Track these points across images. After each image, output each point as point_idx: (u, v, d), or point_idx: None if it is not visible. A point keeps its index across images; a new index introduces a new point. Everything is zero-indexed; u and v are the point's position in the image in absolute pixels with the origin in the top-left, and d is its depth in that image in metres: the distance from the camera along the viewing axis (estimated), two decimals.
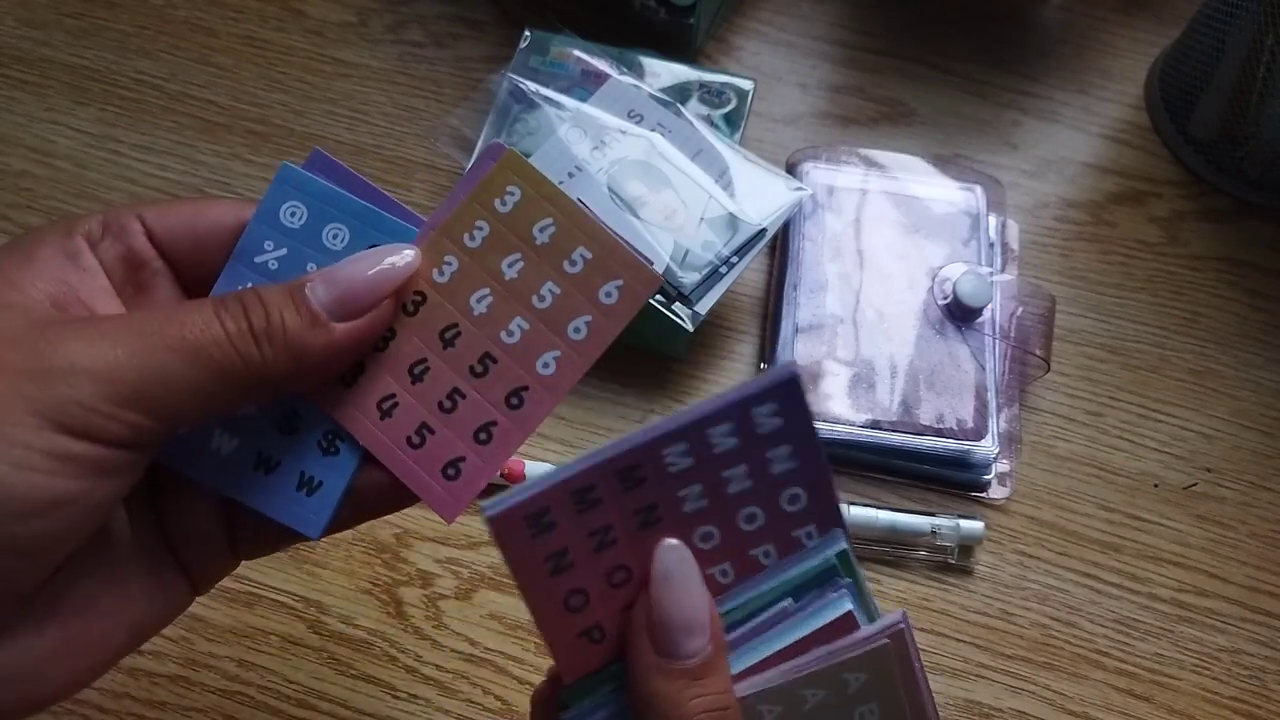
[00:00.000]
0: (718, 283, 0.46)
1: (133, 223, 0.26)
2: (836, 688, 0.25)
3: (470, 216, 0.26)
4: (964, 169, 0.56)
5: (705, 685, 0.23)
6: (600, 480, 0.23)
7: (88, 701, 0.42)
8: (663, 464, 0.23)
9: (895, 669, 0.25)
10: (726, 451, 0.23)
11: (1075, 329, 0.53)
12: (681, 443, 0.23)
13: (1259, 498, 0.49)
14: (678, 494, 0.23)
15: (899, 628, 0.25)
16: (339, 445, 0.27)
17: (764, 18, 0.61)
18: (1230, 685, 0.45)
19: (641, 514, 0.23)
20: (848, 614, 0.25)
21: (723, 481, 0.24)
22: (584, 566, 0.23)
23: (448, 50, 0.59)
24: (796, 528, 0.25)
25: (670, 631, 0.23)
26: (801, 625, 0.25)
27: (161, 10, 0.60)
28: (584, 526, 0.23)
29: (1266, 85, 0.52)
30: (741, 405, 0.23)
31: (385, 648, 0.44)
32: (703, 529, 0.24)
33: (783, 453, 0.24)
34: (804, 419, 0.24)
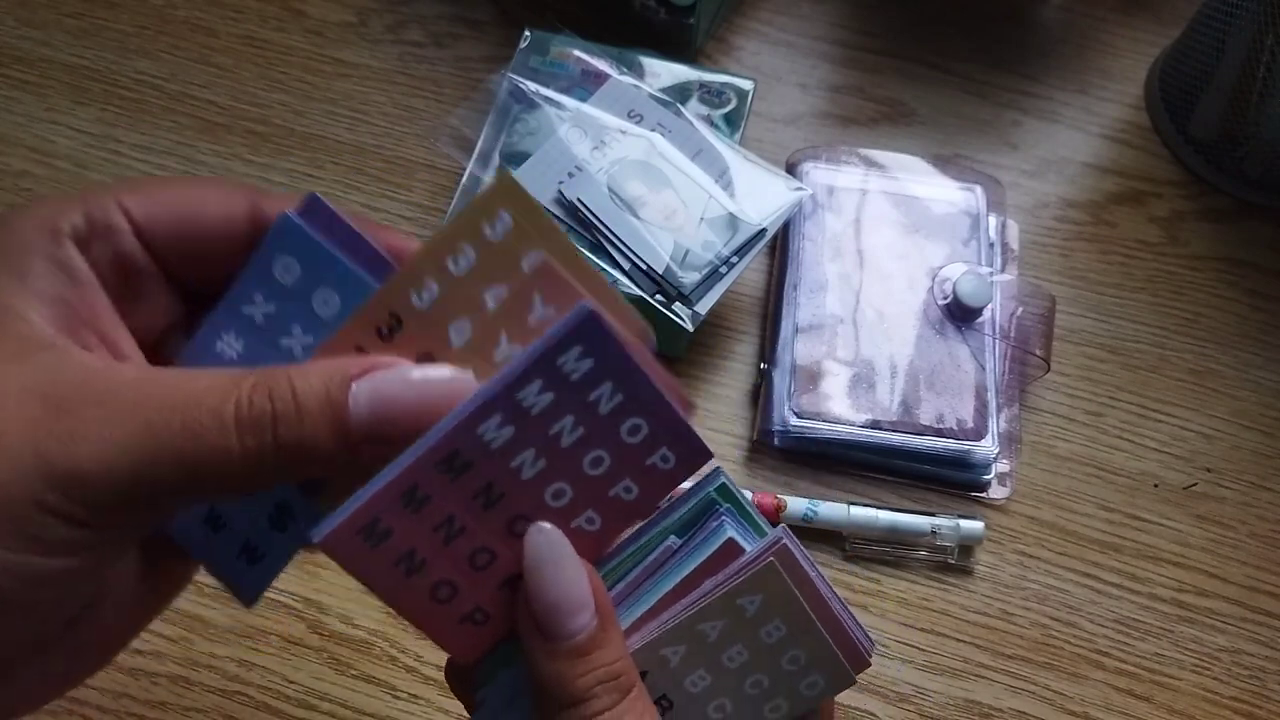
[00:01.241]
0: (718, 283, 0.46)
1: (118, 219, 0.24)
2: (734, 615, 0.24)
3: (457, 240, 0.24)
4: (964, 169, 0.56)
5: (593, 659, 0.23)
6: (421, 477, 0.22)
7: (87, 701, 0.42)
8: (482, 442, 0.22)
9: (790, 585, 0.24)
10: (545, 409, 0.22)
11: (1075, 329, 0.53)
12: (494, 415, 0.22)
13: (1259, 498, 0.49)
14: (510, 465, 0.23)
15: (781, 544, 0.24)
16: (288, 522, 0.26)
17: (764, 18, 0.61)
18: (1230, 685, 0.45)
19: (481, 495, 0.23)
20: (728, 541, 0.24)
21: (553, 438, 0.23)
22: (439, 560, 0.23)
23: (448, 50, 0.59)
24: (648, 455, 0.24)
25: (551, 615, 0.23)
26: (687, 561, 0.25)
27: (161, 10, 0.60)
28: (424, 524, 0.22)
29: (1266, 85, 0.52)
30: (543, 359, 0.22)
31: (385, 648, 0.43)
32: (552, 488, 0.23)
33: (604, 391, 0.22)
34: (615, 351, 0.22)
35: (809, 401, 0.48)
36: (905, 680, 0.44)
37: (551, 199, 0.46)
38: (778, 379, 0.48)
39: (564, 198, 0.46)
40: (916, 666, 0.45)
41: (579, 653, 0.23)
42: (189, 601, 0.44)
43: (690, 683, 0.25)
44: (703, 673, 0.25)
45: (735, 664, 0.25)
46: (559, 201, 0.46)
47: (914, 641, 0.45)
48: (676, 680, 0.25)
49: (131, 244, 0.24)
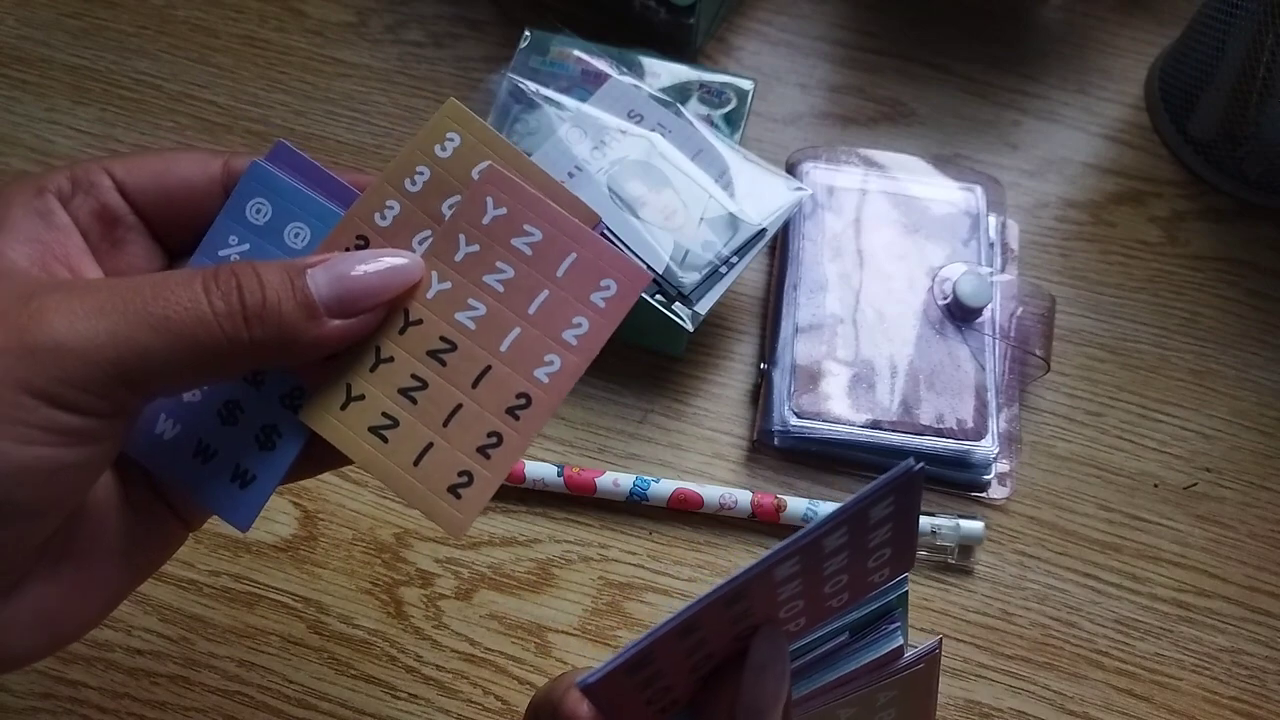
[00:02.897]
0: (718, 283, 0.46)
1: (102, 178, 0.26)
2: (868, 705, 0.26)
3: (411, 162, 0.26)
4: (964, 169, 0.56)
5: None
6: (706, 613, 0.22)
7: (87, 701, 0.42)
8: (771, 580, 0.22)
9: (921, 684, 0.26)
10: (835, 549, 0.22)
11: (1075, 329, 0.53)
12: (795, 558, 0.22)
13: (1259, 498, 0.49)
14: (778, 598, 0.23)
15: (935, 655, 0.26)
16: (276, 440, 0.27)
17: (764, 18, 0.61)
18: (1230, 685, 0.45)
19: (740, 621, 0.23)
20: (899, 647, 0.25)
21: (822, 570, 0.23)
22: (674, 675, 0.23)
23: (448, 50, 0.59)
24: (872, 575, 0.24)
25: (755, 716, 0.24)
26: (855, 658, 0.25)
27: (161, 10, 0.60)
28: (682, 650, 0.23)
29: (1266, 85, 0.52)
30: (861, 512, 0.22)
31: (385, 648, 0.44)
32: (792, 604, 0.24)
33: (884, 530, 0.23)
34: (914, 504, 0.23)
35: (809, 401, 0.48)
36: None
37: None
38: (778, 379, 0.48)
39: None
40: None
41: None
42: (189, 601, 0.44)
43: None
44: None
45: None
46: None
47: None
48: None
49: (113, 197, 0.26)
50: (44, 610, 0.24)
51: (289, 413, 0.27)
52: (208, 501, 0.27)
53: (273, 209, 0.27)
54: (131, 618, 0.43)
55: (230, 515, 0.27)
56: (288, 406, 0.27)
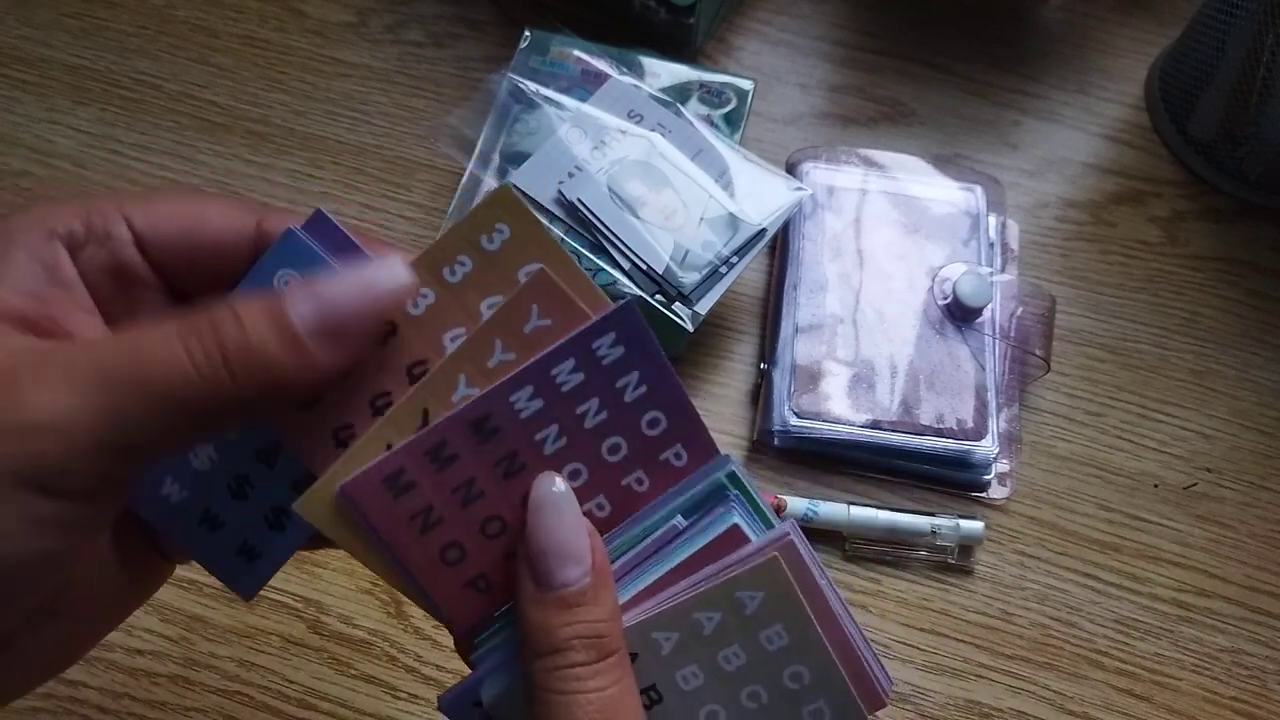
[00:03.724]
0: (718, 283, 0.46)
1: (120, 227, 0.23)
2: (732, 609, 0.24)
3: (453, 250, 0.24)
4: (964, 169, 0.56)
5: (579, 614, 0.23)
6: (452, 436, 0.22)
7: (87, 701, 0.42)
8: (513, 410, 0.23)
9: (793, 586, 0.24)
10: (575, 388, 0.23)
11: (1075, 329, 0.53)
12: (527, 386, 0.23)
13: (1259, 498, 0.49)
14: (535, 437, 0.23)
15: (787, 538, 0.24)
16: (285, 522, 0.26)
17: (764, 18, 0.61)
18: (1230, 685, 0.45)
19: (503, 463, 0.23)
20: (734, 527, 0.24)
21: (578, 417, 0.23)
22: (454, 521, 0.23)
23: (448, 50, 0.59)
24: (662, 450, 0.24)
25: (544, 560, 0.23)
26: (690, 543, 0.24)
27: (161, 10, 0.60)
28: (445, 483, 0.23)
29: (1266, 85, 0.52)
30: (580, 338, 0.23)
31: (385, 648, 0.44)
32: (569, 467, 0.24)
33: (632, 379, 0.23)
34: (646, 344, 0.23)
35: (809, 401, 0.48)
36: (905, 680, 0.44)
37: (551, 199, 0.46)
38: (778, 379, 0.48)
39: (564, 198, 0.46)
40: (916, 666, 0.45)
41: (565, 604, 0.23)
42: (189, 601, 0.44)
43: (682, 677, 0.24)
44: (695, 669, 0.24)
45: (731, 666, 0.24)
46: (559, 201, 0.46)
47: (914, 641, 0.45)
48: (668, 671, 0.24)
49: (130, 253, 0.24)
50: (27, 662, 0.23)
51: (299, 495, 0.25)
52: (212, 568, 0.26)
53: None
54: (132, 618, 0.43)
55: (234, 585, 0.26)
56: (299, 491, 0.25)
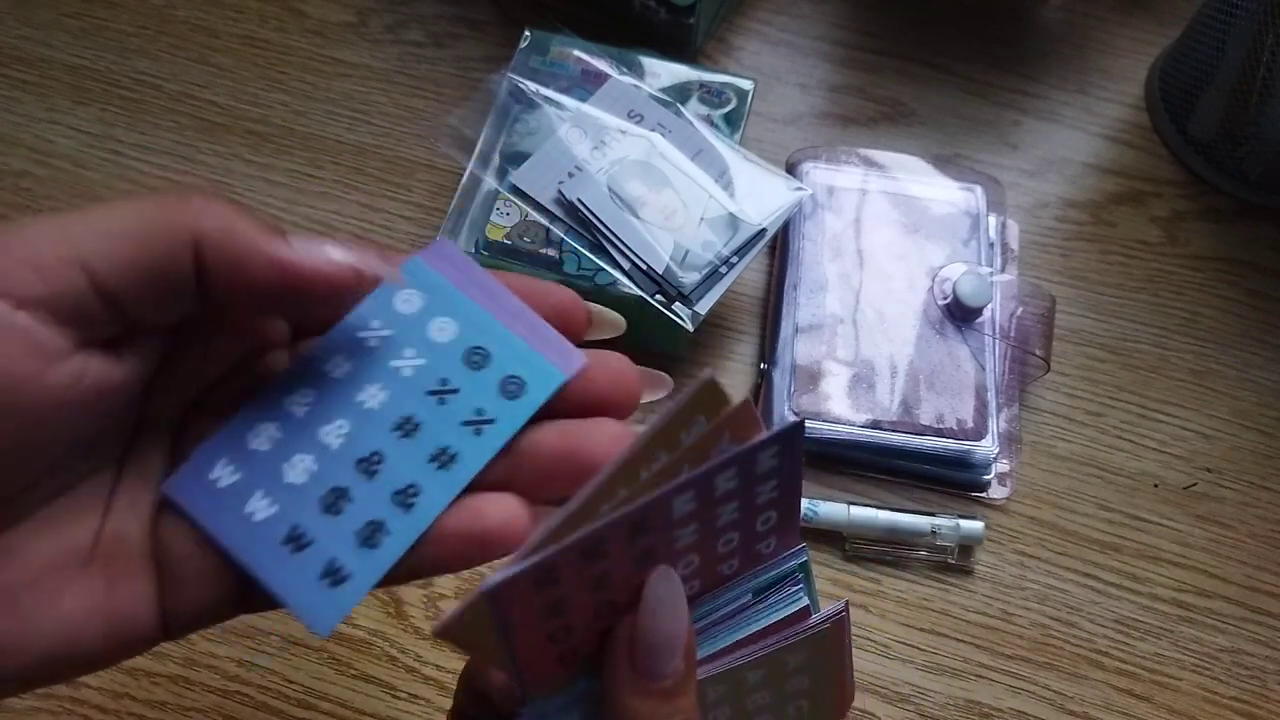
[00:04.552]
0: (718, 283, 0.46)
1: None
2: (776, 668, 0.26)
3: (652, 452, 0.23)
4: (964, 169, 0.56)
5: (677, 703, 0.24)
6: (611, 534, 0.22)
7: (87, 701, 0.42)
8: (669, 511, 0.23)
9: (831, 650, 0.26)
10: (726, 492, 0.23)
11: (1075, 329, 0.53)
12: (689, 491, 0.23)
13: (1259, 498, 0.49)
14: (675, 534, 0.24)
15: (840, 617, 0.26)
16: (381, 539, 0.24)
17: (764, 18, 0.61)
18: (1230, 685, 0.45)
19: (640, 559, 0.23)
20: (805, 608, 0.26)
21: (714, 517, 0.24)
22: (577, 606, 0.23)
23: (448, 50, 0.59)
24: (760, 542, 0.25)
25: (654, 655, 0.24)
26: (762, 617, 0.26)
27: (161, 10, 0.60)
28: (587, 575, 0.22)
29: (1266, 85, 0.52)
30: (746, 455, 0.23)
31: (385, 648, 0.44)
32: (689, 557, 0.24)
33: (770, 486, 0.24)
34: (797, 458, 0.24)
35: (809, 401, 0.48)
36: (905, 680, 0.44)
37: (551, 199, 0.46)
38: (778, 379, 0.48)
39: (564, 198, 0.46)
40: (916, 666, 0.45)
41: (667, 695, 0.24)
42: None
43: (713, 716, 0.27)
44: (728, 709, 0.27)
45: (755, 705, 0.27)
46: (559, 201, 0.46)
47: (914, 641, 0.45)
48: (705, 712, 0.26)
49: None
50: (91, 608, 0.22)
51: (400, 509, 0.24)
52: (287, 595, 0.23)
53: (422, 302, 0.26)
54: None
55: (309, 617, 0.23)
56: (399, 504, 0.24)
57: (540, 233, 0.47)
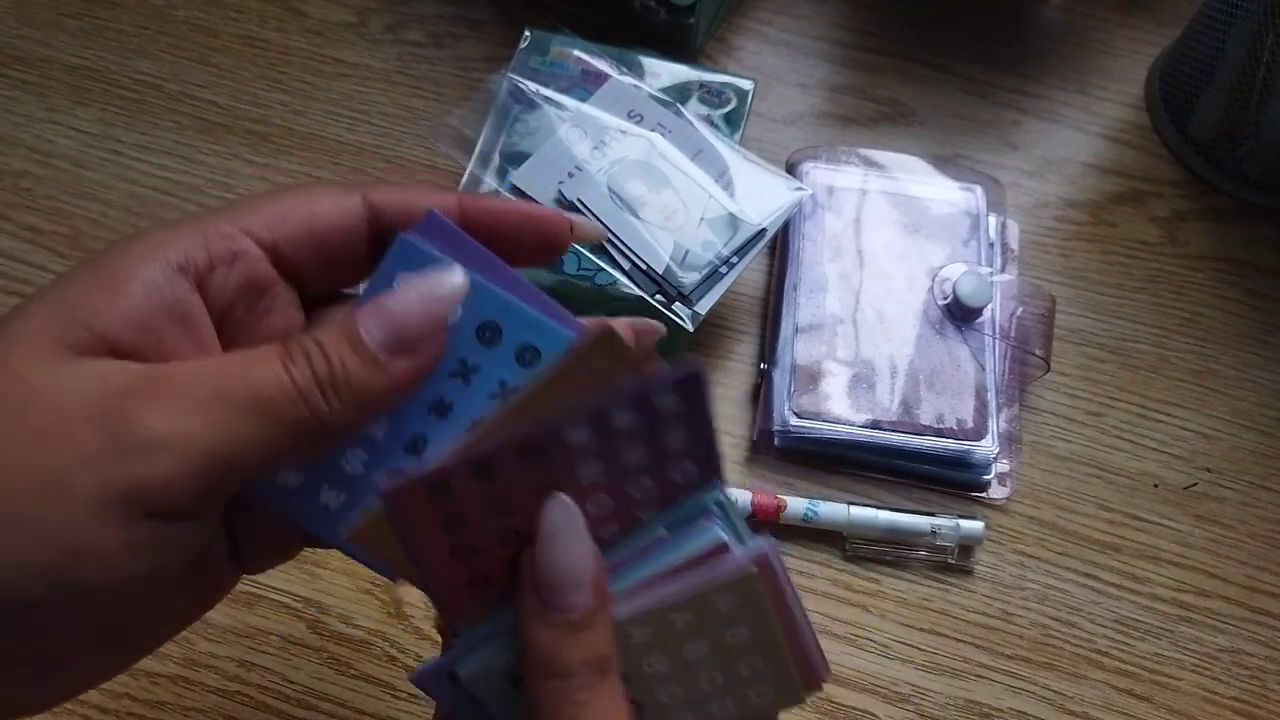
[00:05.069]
0: (718, 283, 0.46)
1: (246, 244, 0.24)
2: (705, 611, 0.25)
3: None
4: (964, 169, 0.56)
5: (585, 637, 0.24)
6: (502, 458, 0.23)
7: (87, 701, 0.42)
8: (565, 441, 0.24)
9: (765, 596, 0.25)
10: (627, 429, 0.24)
11: (1075, 329, 0.53)
12: (582, 421, 0.23)
13: (1259, 498, 0.49)
14: (576, 466, 0.24)
15: (765, 555, 0.25)
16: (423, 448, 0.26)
17: (764, 18, 0.61)
18: (1230, 685, 0.45)
19: (540, 487, 0.24)
20: (721, 544, 0.25)
21: (619, 459, 0.24)
22: (477, 527, 0.24)
23: (448, 50, 0.59)
24: (681, 494, 0.26)
25: (554, 587, 0.24)
26: (674, 550, 0.26)
27: (161, 10, 0.60)
28: (483, 496, 0.24)
29: (1266, 85, 0.52)
30: (641, 394, 0.24)
31: (385, 648, 0.43)
32: (598, 496, 0.25)
33: (679, 435, 0.24)
34: (703, 408, 0.24)
35: (809, 401, 0.48)
36: (905, 680, 0.44)
37: (551, 199, 0.46)
38: (778, 379, 0.48)
39: (564, 198, 0.46)
40: (916, 666, 0.45)
41: (574, 628, 0.23)
42: None
43: (647, 663, 0.26)
44: (661, 657, 0.26)
45: (694, 657, 0.26)
46: (559, 201, 0.46)
47: (914, 641, 0.45)
48: (634, 659, 0.26)
49: (263, 268, 0.25)
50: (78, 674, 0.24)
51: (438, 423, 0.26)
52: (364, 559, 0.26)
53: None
54: None
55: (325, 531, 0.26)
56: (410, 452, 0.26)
57: None
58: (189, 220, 0.24)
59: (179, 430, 0.20)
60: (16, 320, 0.22)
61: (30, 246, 0.52)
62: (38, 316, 0.22)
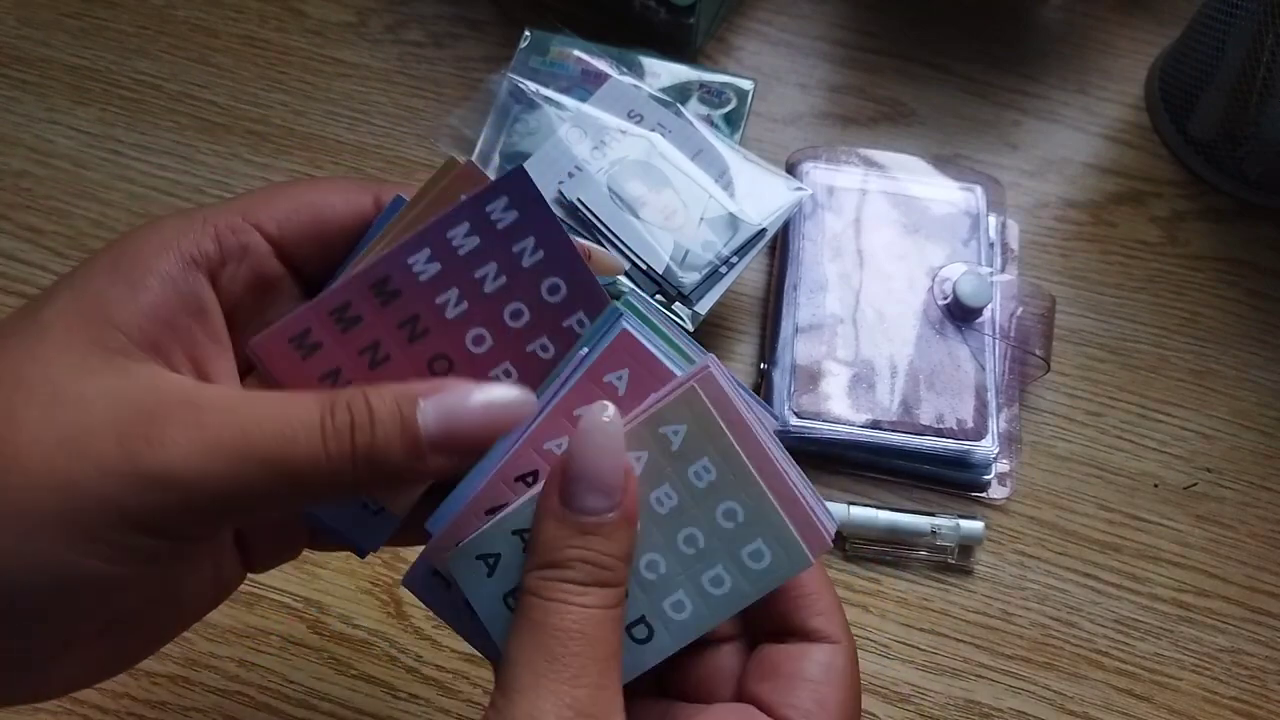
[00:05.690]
0: (718, 283, 0.46)
1: (254, 237, 0.24)
2: (659, 446, 0.24)
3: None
4: (964, 169, 0.56)
5: (592, 542, 0.23)
6: (355, 297, 0.23)
7: (87, 701, 0.42)
8: (412, 273, 0.23)
9: (715, 416, 0.24)
10: (471, 251, 0.24)
11: (1075, 329, 0.53)
12: (424, 249, 0.23)
13: (1259, 498, 0.49)
14: (436, 301, 0.24)
15: (706, 369, 0.24)
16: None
17: (764, 18, 0.61)
18: (1230, 685, 0.45)
19: (407, 326, 0.24)
20: (623, 333, 0.24)
21: (476, 282, 0.24)
22: (356, 379, 0.24)
23: (448, 50, 0.59)
24: (565, 317, 0.25)
25: (577, 484, 0.23)
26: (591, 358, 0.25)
27: (161, 10, 0.60)
28: (352, 344, 0.24)
29: (1266, 85, 0.52)
30: (474, 202, 0.23)
31: (385, 648, 0.44)
32: (472, 332, 0.24)
33: (528, 245, 0.24)
34: (539, 209, 0.23)
35: (809, 401, 0.48)
36: (905, 680, 0.44)
37: (551, 199, 0.46)
38: (778, 379, 0.48)
39: (564, 198, 0.46)
40: (916, 666, 0.45)
41: (582, 530, 0.23)
42: None
43: None
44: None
45: (665, 509, 0.24)
46: (559, 201, 0.46)
47: (914, 641, 0.45)
48: None
49: (270, 263, 0.25)
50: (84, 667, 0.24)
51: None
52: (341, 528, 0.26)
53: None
54: None
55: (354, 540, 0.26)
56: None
57: None
58: (197, 211, 0.24)
59: (196, 472, 0.20)
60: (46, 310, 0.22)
61: (30, 246, 0.52)
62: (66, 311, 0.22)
